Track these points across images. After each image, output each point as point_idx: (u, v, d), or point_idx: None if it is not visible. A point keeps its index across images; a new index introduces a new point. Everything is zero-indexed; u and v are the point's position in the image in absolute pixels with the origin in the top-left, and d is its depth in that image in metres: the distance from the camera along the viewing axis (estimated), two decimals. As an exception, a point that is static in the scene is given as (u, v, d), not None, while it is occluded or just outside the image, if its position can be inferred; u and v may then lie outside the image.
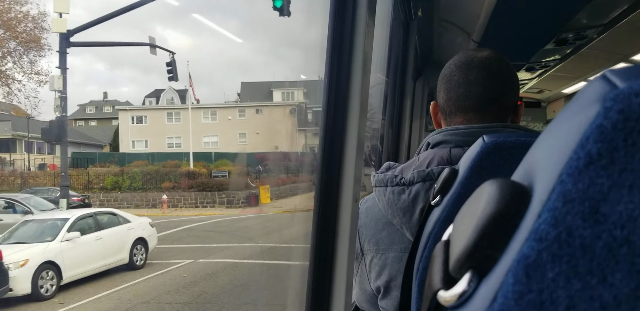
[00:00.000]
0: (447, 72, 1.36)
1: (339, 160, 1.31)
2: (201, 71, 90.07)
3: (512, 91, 1.36)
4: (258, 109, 51.78)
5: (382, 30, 3.10)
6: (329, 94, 1.31)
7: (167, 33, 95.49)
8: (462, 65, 1.33)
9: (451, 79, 1.34)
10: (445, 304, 0.36)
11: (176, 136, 50.30)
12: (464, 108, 1.33)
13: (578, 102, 0.33)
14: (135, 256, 14.40)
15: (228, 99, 59.77)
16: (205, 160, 39.42)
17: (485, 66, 1.31)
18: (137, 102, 60.54)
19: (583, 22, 2.86)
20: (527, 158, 0.37)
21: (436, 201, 0.99)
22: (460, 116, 1.34)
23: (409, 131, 3.59)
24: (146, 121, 51.61)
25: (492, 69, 1.32)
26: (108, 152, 48.73)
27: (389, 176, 1.27)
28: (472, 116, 1.32)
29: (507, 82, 1.34)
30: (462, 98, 1.33)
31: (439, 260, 0.39)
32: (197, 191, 31.16)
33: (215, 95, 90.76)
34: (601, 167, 0.29)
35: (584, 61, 3.87)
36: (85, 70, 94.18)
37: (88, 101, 67.36)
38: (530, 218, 0.31)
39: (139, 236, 14.71)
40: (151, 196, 30.87)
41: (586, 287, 0.28)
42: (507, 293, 0.29)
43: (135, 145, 50.32)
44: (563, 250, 0.28)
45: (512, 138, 0.93)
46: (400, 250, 1.33)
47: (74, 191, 27.86)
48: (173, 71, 23.27)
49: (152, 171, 33.48)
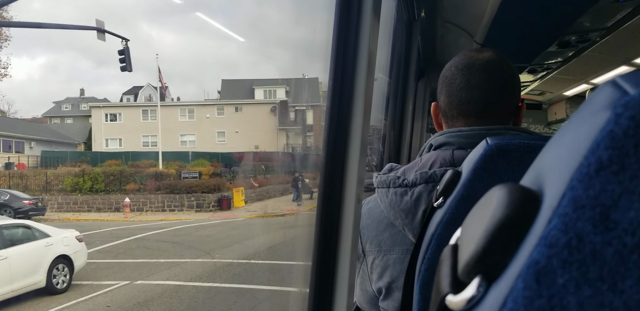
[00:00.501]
0: (448, 74, 1.36)
1: (342, 161, 1.31)
2: (187, 69, 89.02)
3: (514, 94, 1.35)
4: (237, 107, 50.10)
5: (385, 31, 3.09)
6: (333, 95, 1.31)
7: (153, 30, 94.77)
8: (463, 68, 1.32)
9: (452, 82, 1.33)
10: (454, 309, 0.36)
11: (152, 134, 47.29)
12: (466, 113, 1.33)
13: (588, 108, 0.33)
14: (55, 278, 11.88)
15: (208, 97, 57.89)
16: (182, 160, 38.14)
17: (487, 69, 1.30)
18: (116, 100, 57.87)
19: (586, 25, 2.86)
20: (537, 163, 0.37)
21: (439, 203, 0.99)
22: (462, 121, 1.34)
23: (410, 132, 3.59)
24: (120, 118, 49.32)
25: (494, 72, 1.30)
26: (80, 151, 46.06)
27: (391, 177, 1.27)
28: (474, 120, 1.32)
29: (509, 85, 1.33)
30: (463, 103, 1.32)
31: (447, 264, 0.39)
32: (165, 194, 29.18)
33: (199, 94, 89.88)
34: (612, 173, 0.29)
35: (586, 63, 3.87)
36: (71, 67, 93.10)
37: (64, 98, 63.57)
38: (540, 223, 0.31)
39: (60, 254, 12.14)
40: (114, 198, 28.54)
41: (596, 294, 0.28)
42: (516, 298, 0.29)
43: (109, 144, 48.18)
44: (573, 256, 0.28)
45: (516, 141, 0.93)
46: (402, 252, 1.33)
47: (29, 194, 26.21)
48: (126, 59, 20.94)
49: (115, 172, 31.28)
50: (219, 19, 77.71)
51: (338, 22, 1.31)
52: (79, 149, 47.83)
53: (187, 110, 50.11)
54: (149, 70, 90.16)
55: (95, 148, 46.58)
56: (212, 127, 48.49)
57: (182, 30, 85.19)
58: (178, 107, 50.23)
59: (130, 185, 30.17)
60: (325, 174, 1.31)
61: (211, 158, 39.53)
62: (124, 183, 30.49)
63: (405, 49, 3.22)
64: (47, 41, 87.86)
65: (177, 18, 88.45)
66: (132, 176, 31.14)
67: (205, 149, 43.15)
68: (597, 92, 0.33)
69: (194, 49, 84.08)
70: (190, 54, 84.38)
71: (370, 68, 1.34)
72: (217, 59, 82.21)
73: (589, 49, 3.39)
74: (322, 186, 1.32)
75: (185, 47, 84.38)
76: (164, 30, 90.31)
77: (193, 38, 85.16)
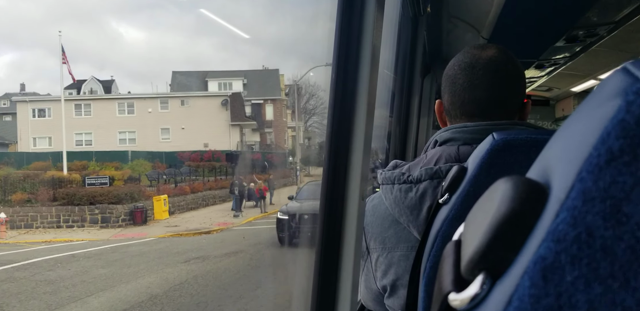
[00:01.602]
0: (451, 73, 1.34)
1: (345, 157, 1.30)
2: (158, 67, 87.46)
3: (518, 92, 1.33)
4: (184, 101, 44.82)
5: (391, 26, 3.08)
6: (336, 91, 1.30)
7: (122, 27, 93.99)
8: (466, 67, 1.30)
9: (455, 81, 1.32)
10: (457, 307, 0.34)
11: (86, 131, 42.95)
12: (469, 113, 1.31)
13: (598, 96, 0.31)
14: None
15: (158, 90, 51.74)
16: (120, 160, 34.25)
17: (490, 68, 1.28)
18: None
19: (594, 19, 2.84)
20: (544, 155, 0.35)
21: (444, 200, 0.97)
22: (465, 120, 1.33)
23: (416, 129, 3.58)
24: (50, 114, 42.20)
25: (497, 72, 1.28)
26: (2, 152, 39.59)
27: (396, 173, 1.26)
28: (478, 120, 1.31)
29: (514, 84, 1.31)
30: (466, 103, 1.31)
31: (450, 261, 0.38)
32: (61, 206, 23.23)
33: (151, 89, 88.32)
34: (623, 164, 0.27)
35: (594, 58, 3.85)
36: (37, 66, 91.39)
37: (2, 94, 56.39)
38: (547, 217, 0.29)
39: None
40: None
41: (607, 291, 0.26)
42: (522, 296, 0.28)
43: (37, 143, 42.03)
44: (583, 252, 0.27)
45: (522, 135, 0.92)
46: (406, 249, 1.32)
47: None
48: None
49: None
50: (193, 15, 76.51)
51: (341, 17, 1.29)
52: (11, 150, 42.11)
53: (126, 104, 44.63)
54: (100, 64, 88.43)
55: (21, 148, 41.15)
56: (155, 123, 43.55)
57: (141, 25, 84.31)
58: (116, 101, 44.78)
59: (17, 195, 23.96)
60: (329, 172, 1.30)
61: (153, 158, 36.38)
62: (10, 191, 24.41)
63: (411, 44, 3.20)
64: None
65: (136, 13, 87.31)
66: (20, 183, 25.21)
67: (147, 148, 39.39)
68: (606, 79, 0.32)
69: (155, 43, 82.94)
70: (150, 47, 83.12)
71: (374, 64, 1.32)
72: (187, 53, 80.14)
73: (596, 44, 3.36)
74: (326, 183, 1.31)
75: (143, 41, 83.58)
76: (132, 26, 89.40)
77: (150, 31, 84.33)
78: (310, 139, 64.86)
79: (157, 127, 43.59)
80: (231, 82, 50.64)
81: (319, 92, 64.33)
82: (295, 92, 47.50)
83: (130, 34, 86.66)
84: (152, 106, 44.13)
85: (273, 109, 42.26)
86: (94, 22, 78.73)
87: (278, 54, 62.32)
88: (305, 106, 62.25)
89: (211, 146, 41.33)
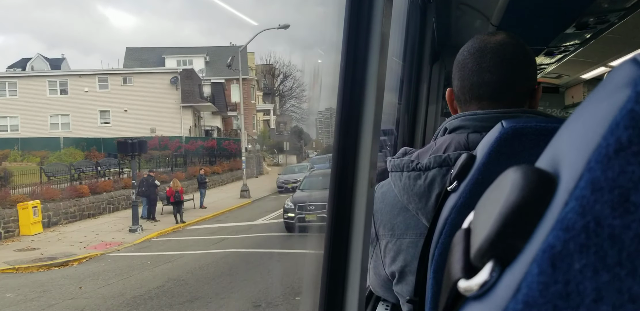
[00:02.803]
0: (461, 58, 1.34)
1: (354, 144, 1.30)
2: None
3: (528, 76, 1.33)
4: (126, 79, 37.95)
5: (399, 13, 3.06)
6: (345, 77, 1.30)
7: (109, 11, 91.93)
8: (475, 52, 1.31)
9: (465, 66, 1.32)
10: (466, 294, 0.35)
11: (11, 115, 36.56)
12: (479, 97, 1.31)
13: (607, 87, 0.32)
14: None
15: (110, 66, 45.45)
16: (50, 148, 29.53)
17: (499, 51, 1.29)
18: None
19: (604, 6, 2.80)
20: (553, 144, 0.36)
21: (453, 187, 0.98)
22: (475, 105, 1.33)
23: (424, 116, 3.57)
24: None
25: (505, 55, 1.29)
26: None
27: (405, 161, 1.27)
28: (487, 104, 1.31)
29: (523, 67, 1.32)
30: (475, 86, 1.30)
31: (460, 248, 0.38)
32: None
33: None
34: (632, 154, 0.28)
35: (604, 46, 3.80)
36: (21, 51, 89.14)
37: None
38: (556, 206, 0.30)
39: None
40: None
41: (615, 279, 0.27)
42: (531, 283, 0.28)
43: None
44: (591, 240, 0.28)
45: (532, 124, 0.92)
46: (415, 236, 1.32)
47: None
48: None
49: None
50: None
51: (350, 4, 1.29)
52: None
53: (58, 83, 37.84)
54: (101, 52, 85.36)
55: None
56: (93, 105, 37.36)
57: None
58: (46, 79, 37.92)
59: None
60: (338, 159, 1.30)
61: (89, 146, 31.44)
62: None
63: (420, 31, 3.18)
64: None
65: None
66: None
67: (83, 134, 34.24)
68: (616, 69, 0.32)
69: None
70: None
71: (383, 50, 1.32)
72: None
73: (607, 31, 3.32)
74: (335, 170, 1.32)
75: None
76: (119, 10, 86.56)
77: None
78: (286, 124, 61.82)
79: (95, 109, 37.71)
80: (191, 60, 45.60)
81: (295, 73, 60.58)
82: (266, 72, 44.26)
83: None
84: (89, 85, 37.80)
85: (241, 90, 35.19)
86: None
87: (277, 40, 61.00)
88: (279, 88, 58.15)
89: (159, 132, 36.27)
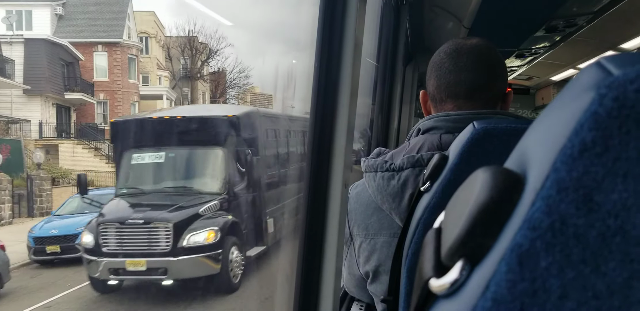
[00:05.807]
0: (437, 59, 1.36)
1: (328, 146, 1.30)
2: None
3: (502, 78, 1.37)
4: None
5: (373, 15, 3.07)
6: (319, 79, 1.30)
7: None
8: (452, 52, 1.33)
9: (441, 66, 1.34)
10: (437, 292, 0.36)
11: None
12: (455, 95, 1.33)
13: (572, 90, 0.32)
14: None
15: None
16: None
17: (475, 52, 1.32)
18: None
19: (573, 9, 2.86)
20: (520, 145, 0.36)
21: (426, 187, 0.99)
22: (450, 103, 1.34)
23: (398, 117, 3.59)
24: None
25: (482, 56, 1.32)
26: None
27: (379, 161, 1.27)
28: (463, 102, 1.32)
29: (497, 68, 1.36)
30: (452, 85, 1.32)
31: (431, 248, 0.39)
32: None
33: None
34: (595, 155, 0.29)
35: (573, 48, 3.88)
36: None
37: None
38: (523, 206, 0.30)
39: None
40: None
41: (579, 276, 0.28)
42: (499, 281, 0.29)
43: None
44: (556, 239, 0.28)
45: (502, 125, 0.93)
46: (389, 235, 1.33)
47: None
48: None
49: None
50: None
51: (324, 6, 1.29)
52: None
53: None
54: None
55: None
56: None
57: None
58: None
59: None
60: (312, 159, 1.31)
61: None
62: None
63: (393, 33, 3.20)
64: None
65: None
66: None
67: None
68: (581, 73, 0.33)
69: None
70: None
71: (357, 52, 1.33)
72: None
73: (576, 34, 3.38)
74: (309, 171, 1.32)
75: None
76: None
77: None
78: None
79: None
80: (30, 10, 28.54)
81: (225, 49, 45.84)
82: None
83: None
84: None
85: (109, 62, 24.01)
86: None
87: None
88: (201, 69, 39.98)
89: None
